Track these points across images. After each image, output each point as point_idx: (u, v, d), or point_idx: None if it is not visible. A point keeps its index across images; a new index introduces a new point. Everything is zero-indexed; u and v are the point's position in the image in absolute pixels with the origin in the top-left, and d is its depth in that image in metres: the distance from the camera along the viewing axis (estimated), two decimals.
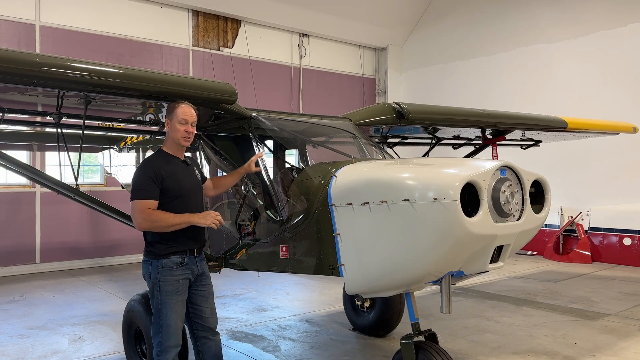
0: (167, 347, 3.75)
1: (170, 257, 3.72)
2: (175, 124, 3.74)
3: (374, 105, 6.68)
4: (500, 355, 5.51)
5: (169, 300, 3.71)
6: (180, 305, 3.78)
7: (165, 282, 3.71)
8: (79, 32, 10.90)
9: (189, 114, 3.77)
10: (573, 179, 12.14)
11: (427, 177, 3.49)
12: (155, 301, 3.76)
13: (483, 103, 11.84)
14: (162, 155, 3.83)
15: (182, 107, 3.76)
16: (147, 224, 3.62)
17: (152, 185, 3.62)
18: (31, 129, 7.33)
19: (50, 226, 10.68)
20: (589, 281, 9.46)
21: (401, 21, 15.81)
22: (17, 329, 6.51)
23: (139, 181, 3.67)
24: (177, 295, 3.75)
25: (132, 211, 3.64)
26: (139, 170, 3.74)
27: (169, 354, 3.76)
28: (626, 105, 11.34)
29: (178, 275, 3.74)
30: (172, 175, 3.73)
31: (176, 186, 3.72)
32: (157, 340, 3.77)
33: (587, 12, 12.29)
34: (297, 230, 4.38)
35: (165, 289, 3.71)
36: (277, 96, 13.89)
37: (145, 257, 3.82)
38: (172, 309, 3.72)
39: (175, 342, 3.77)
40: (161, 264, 3.72)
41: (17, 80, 3.60)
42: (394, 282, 3.91)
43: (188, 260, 3.80)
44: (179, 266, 3.75)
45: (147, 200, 3.60)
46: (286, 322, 6.80)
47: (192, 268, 3.84)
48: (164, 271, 3.71)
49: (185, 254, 3.78)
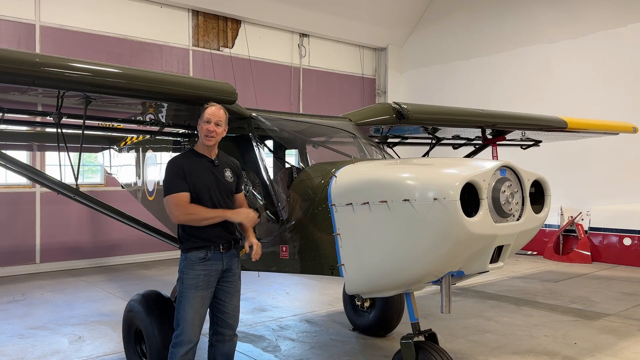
0: (180, 341, 3.82)
1: (194, 252, 3.83)
2: (201, 123, 3.90)
3: (374, 105, 6.68)
4: (500, 355, 5.51)
5: (188, 294, 3.81)
6: (199, 300, 3.83)
7: (187, 275, 3.83)
8: (79, 32, 10.89)
9: (214, 113, 3.89)
10: (573, 179, 12.13)
11: (427, 177, 3.49)
12: (178, 294, 3.89)
13: (483, 103, 11.83)
14: (189, 153, 4.00)
15: (208, 108, 3.91)
16: (183, 217, 3.76)
17: (181, 179, 3.77)
18: (31, 129, 7.32)
19: (50, 226, 10.68)
20: (589, 281, 9.46)
21: (401, 21, 15.81)
22: (17, 329, 6.51)
23: (168, 178, 3.82)
24: (197, 290, 3.81)
25: (168, 206, 3.77)
26: (167, 168, 3.89)
27: (180, 348, 3.81)
28: (626, 105, 11.34)
29: (199, 270, 3.83)
30: (194, 172, 3.84)
31: (196, 182, 3.82)
32: (175, 333, 3.87)
33: (587, 12, 12.29)
34: (297, 230, 4.38)
35: (186, 282, 3.83)
36: (277, 96, 13.88)
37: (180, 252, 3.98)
38: (189, 303, 3.80)
39: (188, 338, 3.81)
40: (186, 258, 3.86)
41: (17, 80, 3.60)
42: (394, 282, 3.91)
43: (212, 256, 3.86)
44: (201, 261, 3.84)
45: (180, 193, 3.75)
46: (286, 322, 6.80)
47: (216, 264, 3.89)
48: (187, 265, 3.84)
49: (209, 249, 3.85)
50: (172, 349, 3.85)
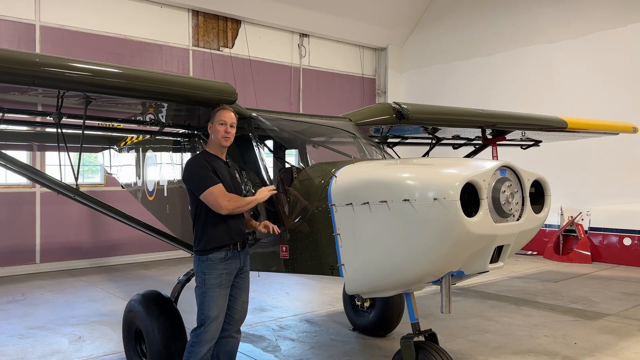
0: (203, 340, 3.90)
1: (215, 253, 3.94)
2: (215, 125, 4.00)
3: (374, 105, 6.68)
4: (500, 355, 5.51)
5: (213, 294, 3.92)
6: (223, 298, 3.99)
7: (211, 275, 3.93)
8: (79, 32, 10.90)
9: (228, 116, 4.03)
10: (573, 179, 12.13)
11: (427, 177, 3.49)
12: (200, 295, 3.95)
13: (483, 103, 11.83)
14: (204, 154, 4.07)
15: (221, 110, 4.03)
16: (232, 205, 3.85)
17: (212, 173, 3.87)
18: (31, 129, 7.32)
19: (50, 226, 10.68)
20: (589, 281, 9.46)
21: (401, 21, 15.81)
22: (17, 329, 6.51)
23: (199, 173, 3.88)
24: (220, 289, 3.95)
25: (212, 198, 3.81)
26: (191, 166, 3.95)
27: (202, 347, 3.90)
28: (626, 105, 11.34)
29: (222, 270, 3.96)
30: (217, 170, 3.94)
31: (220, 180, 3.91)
32: (195, 332, 3.93)
33: (587, 12, 12.29)
34: (297, 230, 4.38)
35: (209, 282, 3.92)
36: (277, 96, 13.88)
37: (194, 255, 4.06)
38: (215, 302, 3.92)
39: (211, 336, 3.93)
40: (206, 259, 3.95)
41: (17, 80, 3.59)
42: (394, 282, 3.91)
43: (231, 255, 4.00)
44: (223, 261, 3.96)
45: (219, 185, 3.85)
46: (286, 322, 6.80)
47: (235, 262, 4.04)
48: (209, 265, 3.94)
49: (229, 248, 3.98)
50: (193, 348, 3.90)
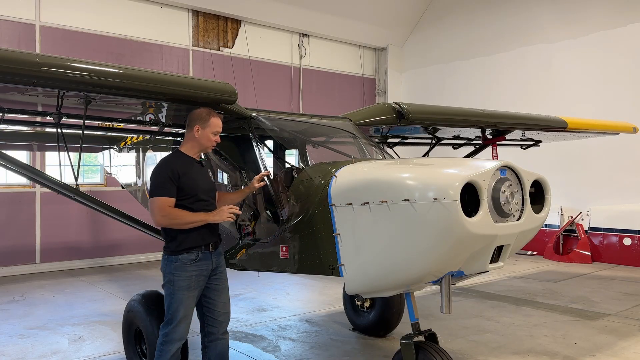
0: (172, 339, 3.88)
1: (185, 254, 3.87)
2: (208, 133, 3.94)
3: (374, 105, 6.68)
4: (500, 355, 5.51)
5: (181, 295, 3.86)
6: (192, 300, 3.93)
7: (179, 278, 3.86)
8: (79, 32, 10.89)
9: (220, 125, 4.01)
10: (573, 179, 12.13)
11: (427, 177, 3.49)
12: (168, 295, 3.90)
13: (483, 103, 11.85)
14: (179, 156, 3.98)
15: (216, 119, 3.97)
16: (165, 221, 3.78)
17: (170, 183, 3.78)
18: (31, 129, 7.32)
19: (50, 226, 10.68)
20: (589, 281, 9.46)
21: (401, 21, 15.81)
22: (17, 329, 6.51)
23: (157, 180, 3.81)
24: (189, 291, 3.89)
25: (151, 208, 3.78)
26: (157, 169, 3.88)
27: (172, 346, 3.89)
28: (626, 105, 11.33)
29: (192, 272, 3.89)
30: (188, 175, 3.87)
31: (191, 185, 3.87)
32: (164, 331, 3.91)
33: (587, 12, 12.29)
34: (297, 230, 4.38)
35: (178, 284, 3.86)
36: (277, 96, 13.88)
37: (163, 253, 3.97)
38: (183, 303, 3.86)
39: (180, 336, 3.91)
40: (176, 260, 3.87)
41: (17, 80, 3.60)
42: (394, 282, 3.91)
43: (202, 256, 3.93)
44: (193, 262, 3.89)
45: (165, 198, 3.75)
46: (286, 322, 6.80)
47: (207, 264, 3.97)
48: (178, 267, 3.87)
49: (200, 249, 3.91)
50: (163, 347, 3.89)
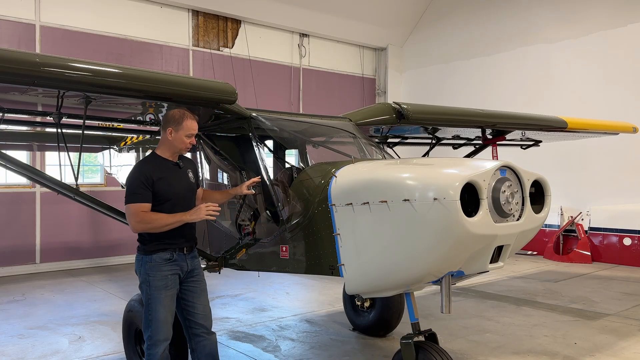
0: (157, 340, 3.85)
1: (159, 254, 3.85)
2: (182, 136, 3.86)
3: (374, 105, 6.68)
4: (500, 355, 5.51)
5: (158, 295, 3.84)
6: (170, 299, 3.89)
7: (154, 278, 3.84)
8: (79, 32, 10.89)
9: (195, 127, 3.91)
10: (573, 179, 12.13)
11: (427, 177, 3.49)
12: (145, 296, 3.88)
13: (483, 103, 11.85)
14: (154, 159, 3.94)
15: (189, 121, 3.87)
16: (141, 226, 3.77)
17: (144, 188, 3.75)
18: (31, 129, 7.33)
19: (50, 226, 10.68)
20: (589, 281, 9.46)
21: (401, 21, 15.81)
22: (17, 329, 6.51)
23: (131, 186, 3.79)
24: (166, 290, 3.87)
25: (127, 215, 3.79)
26: (131, 174, 3.86)
27: (158, 347, 3.86)
28: (626, 105, 11.34)
29: (167, 271, 3.87)
30: (163, 179, 3.83)
31: (166, 189, 3.83)
32: (147, 334, 3.89)
33: (587, 12, 12.29)
34: (297, 230, 4.38)
35: (154, 284, 3.84)
36: (277, 96, 13.88)
37: (137, 254, 3.96)
38: (161, 303, 3.84)
39: (164, 336, 3.88)
40: (150, 260, 3.85)
41: (17, 80, 3.60)
42: (394, 282, 3.91)
43: (177, 257, 3.91)
44: (168, 262, 3.87)
45: (140, 204, 3.73)
46: (286, 322, 6.80)
47: (182, 265, 3.95)
48: (153, 267, 3.85)
49: (174, 250, 3.90)
50: (150, 351, 3.86)
